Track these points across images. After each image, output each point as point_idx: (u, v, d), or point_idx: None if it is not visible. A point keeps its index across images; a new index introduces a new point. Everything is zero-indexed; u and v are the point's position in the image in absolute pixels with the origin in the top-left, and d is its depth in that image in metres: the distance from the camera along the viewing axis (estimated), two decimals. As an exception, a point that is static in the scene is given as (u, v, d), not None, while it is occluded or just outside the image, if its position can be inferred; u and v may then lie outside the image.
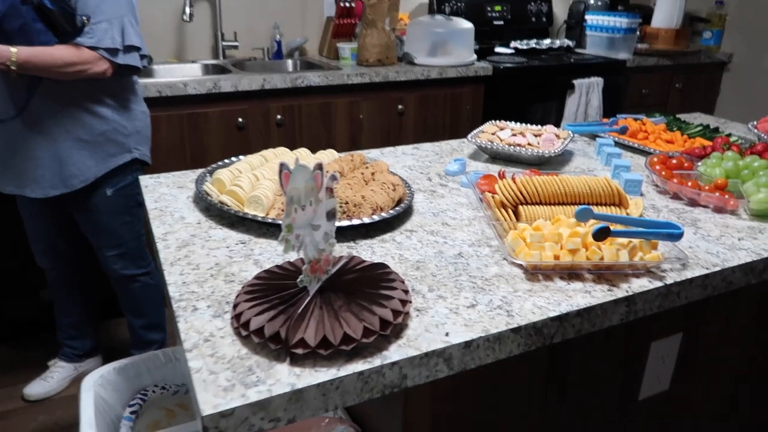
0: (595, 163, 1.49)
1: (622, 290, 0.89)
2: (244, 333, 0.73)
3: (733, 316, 1.16)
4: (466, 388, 0.87)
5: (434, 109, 2.96)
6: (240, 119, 2.50)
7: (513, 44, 3.47)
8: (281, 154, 1.31)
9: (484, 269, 0.93)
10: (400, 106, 2.86)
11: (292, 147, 1.32)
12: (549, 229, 0.96)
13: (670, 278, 0.93)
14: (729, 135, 1.66)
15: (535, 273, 0.92)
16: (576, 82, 3.11)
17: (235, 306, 0.77)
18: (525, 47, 3.43)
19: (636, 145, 1.56)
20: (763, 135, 1.48)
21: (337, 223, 1.01)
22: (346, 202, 1.05)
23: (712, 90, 3.79)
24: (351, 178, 1.19)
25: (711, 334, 1.15)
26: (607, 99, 3.28)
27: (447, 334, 0.76)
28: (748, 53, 3.61)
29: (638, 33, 3.46)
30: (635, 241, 0.93)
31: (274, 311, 0.74)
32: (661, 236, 0.94)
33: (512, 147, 1.42)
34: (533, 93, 3.13)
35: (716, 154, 1.31)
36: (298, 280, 0.74)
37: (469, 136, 1.49)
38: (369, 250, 0.98)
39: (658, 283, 0.91)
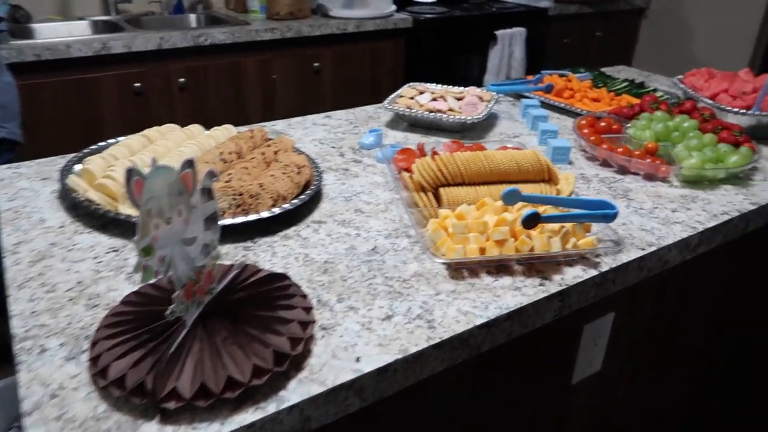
0: (521, 128, 1.39)
1: (555, 283, 0.79)
2: (102, 383, 0.58)
3: (664, 290, 1.11)
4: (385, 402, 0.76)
5: (353, 66, 2.78)
6: (137, 84, 2.24)
7: (435, -8, 3.31)
8: (168, 132, 1.13)
9: (402, 267, 0.81)
10: (316, 64, 2.67)
11: (198, 114, 1.15)
12: (474, 216, 0.84)
13: (605, 264, 0.84)
14: (654, 90, 1.60)
15: (459, 269, 0.81)
16: (499, 33, 3.00)
17: (93, 344, 0.62)
18: (446, -4, 3.28)
19: (563, 105, 1.47)
20: (689, 90, 1.42)
21: (232, 220, 0.86)
22: (241, 194, 0.89)
23: (630, 39, 3.78)
24: (250, 159, 1.03)
25: (643, 310, 1.09)
26: (530, 50, 3.20)
27: (358, 360, 0.64)
28: (665, 0, 3.60)
29: (559, -21, 3.37)
30: (568, 225, 0.83)
31: (142, 351, 0.60)
32: (596, 218, 0.85)
33: (432, 114, 1.29)
34: (456, 46, 2.99)
35: (645, 114, 1.24)
36: (168, 311, 0.59)
37: (386, 101, 1.35)
38: (269, 251, 0.84)
39: (593, 272, 0.82)
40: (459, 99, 1.35)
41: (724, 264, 1.18)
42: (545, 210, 0.85)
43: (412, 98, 1.37)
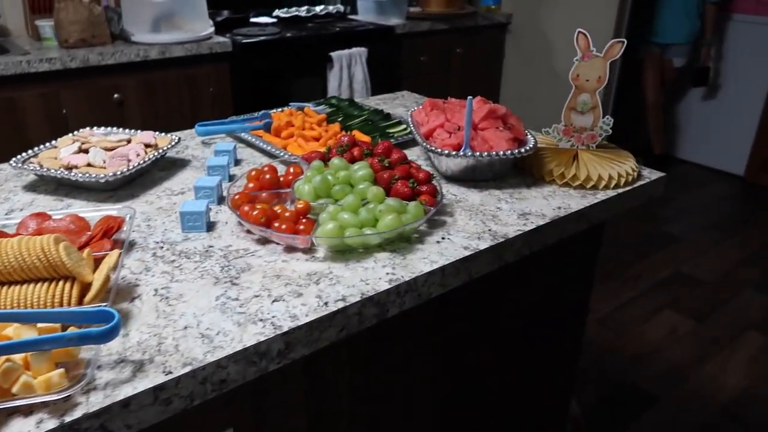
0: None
1: (-37, 454, 0.54)
2: None
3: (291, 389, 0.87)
4: None
5: (165, 96, 2.51)
6: None
7: (277, 12, 3.08)
8: None
9: None
10: (116, 95, 2.38)
11: None
12: None
13: (85, 406, 0.59)
14: (398, 123, 1.38)
15: None
16: (334, 54, 2.79)
17: None
18: (287, 15, 3.06)
19: (269, 148, 1.23)
20: (412, 126, 1.20)
21: None
22: None
23: (497, 54, 3.64)
24: None
25: (274, 415, 0.85)
26: (380, 70, 3.00)
27: None
28: (525, 14, 3.48)
29: (409, -5, 3.20)
30: (17, 357, 0.58)
31: None
32: (70, 342, 0.60)
33: (67, 171, 1.03)
34: (290, 69, 2.76)
35: (316, 163, 1.00)
36: None
37: (16, 158, 1.08)
38: None
39: (52, 423, 0.57)
40: (111, 149, 1.10)
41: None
42: None
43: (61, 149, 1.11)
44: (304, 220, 0.90)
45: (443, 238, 0.92)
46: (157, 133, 1.18)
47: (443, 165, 1.12)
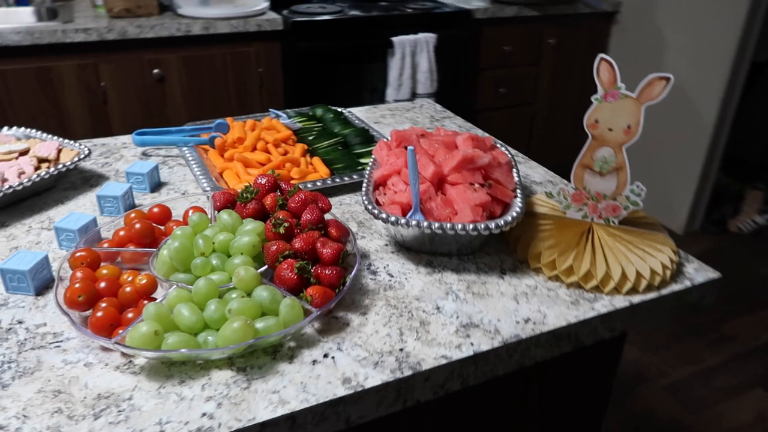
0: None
1: None
2: None
3: None
4: None
5: (209, 74, 2.35)
6: None
7: (349, -12, 2.83)
8: None
9: None
10: (156, 71, 2.26)
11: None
12: None
13: None
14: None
15: None
16: (396, 40, 2.48)
17: None
18: (358, -8, 2.79)
19: (199, 173, 0.98)
20: (369, 167, 0.90)
21: None
22: None
23: (598, 46, 3.14)
24: None
25: None
26: (452, 60, 2.66)
27: None
28: (638, 3, 2.94)
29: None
30: None
31: None
32: None
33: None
34: (348, 54, 2.50)
35: (194, 217, 0.74)
36: None
37: None
38: None
39: None
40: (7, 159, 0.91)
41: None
42: None
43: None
44: (145, 303, 0.66)
45: (326, 356, 0.64)
46: (65, 141, 0.98)
47: (391, 229, 0.82)
